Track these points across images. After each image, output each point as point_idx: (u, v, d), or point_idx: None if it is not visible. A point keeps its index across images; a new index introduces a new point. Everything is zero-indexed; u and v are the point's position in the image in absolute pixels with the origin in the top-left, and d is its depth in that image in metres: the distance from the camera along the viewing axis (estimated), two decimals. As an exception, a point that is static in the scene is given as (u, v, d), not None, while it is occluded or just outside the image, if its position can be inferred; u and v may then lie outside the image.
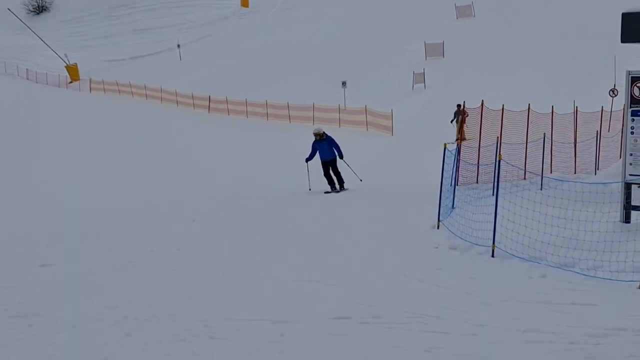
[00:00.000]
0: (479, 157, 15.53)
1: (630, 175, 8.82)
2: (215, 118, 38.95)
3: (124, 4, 74.84)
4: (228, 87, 41.11)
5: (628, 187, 8.84)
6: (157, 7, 72.62)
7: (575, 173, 17.73)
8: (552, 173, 16.67)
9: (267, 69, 44.90)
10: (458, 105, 26.31)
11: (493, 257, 8.60)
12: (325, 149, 16.06)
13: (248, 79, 43.14)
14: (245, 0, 68.84)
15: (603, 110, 22.45)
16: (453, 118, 26.55)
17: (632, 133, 8.87)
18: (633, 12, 8.74)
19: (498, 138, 13.03)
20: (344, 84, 34.25)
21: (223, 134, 32.30)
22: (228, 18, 67.05)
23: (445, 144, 11.33)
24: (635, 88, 8.79)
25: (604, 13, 31.35)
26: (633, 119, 8.85)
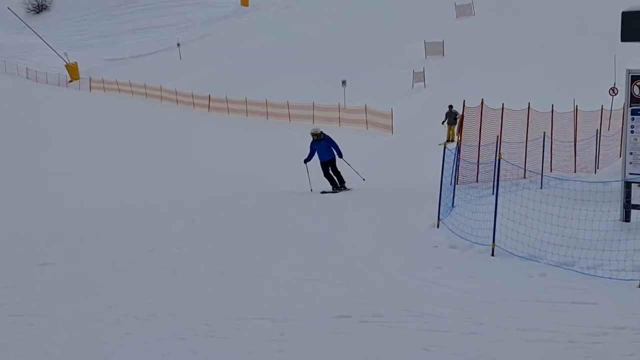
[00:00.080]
0: (479, 155, 15.53)
1: (630, 174, 8.81)
2: (215, 117, 38.95)
3: (124, 3, 74.87)
4: (228, 86, 41.10)
5: (628, 185, 8.83)
6: (156, 6, 72.63)
7: (575, 172, 17.73)
8: (552, 172, 16.67)
9: (267, 68, 44.89)
10: (450, 106, 26.26)
11: (493, 255, 8.60)
12: (324, 149, 15.87)
13: (248, 78, 43.13)
14: (245, -1, 68.93)
15: (603, 109, 22.45)
16: (444, 119, 26.39)
17: (632, 132, 8.86)
18: (633, 10, 8.73)
19: (498, 137, 13.03)
20: (344, 83, 34.23)
21: (223, 133, 32.30)
22: (228, 17, 67.03)
23: (445, 144, 11.33)
24: (635, 87, 8.78)
25: (604, 12, 31.37)
26: (633, 118, 8.84)
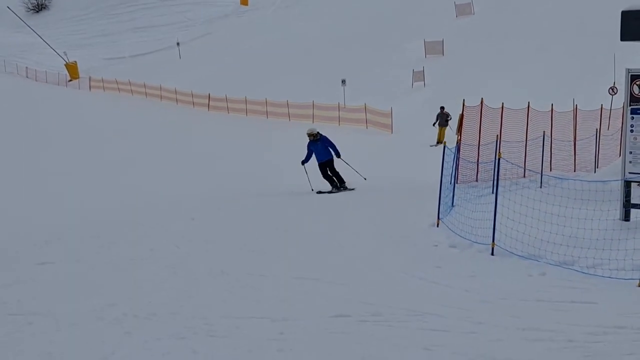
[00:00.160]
0: (479, 155, 15.53)
1: (630, 173, 8.81)
2: (215, 116, 38.93)
3: (124, 2, 74.83)
4: (228, 85, 41.08)
5: (627, 185, 8.83)
6: (156, 5, 72.58)
7: (575, 171, 17.72)
8: (551, 171, 16.66)
9: (266, 67, 44.87)
10: (441, 108, 26.23)
11: (492, 255, 8.60)
12: (320, 150, 15.65)
13: (248, 77, 43.11)
14: (245, -2, 68.84)
15: (603, 108, 22.43)
16: (435, 121, 26.33)
17: (631, 131, 8.86)
18: (632, 10, 8.72)
19: (498, 136, 13.04)
20: (344, 82, 34.20)
21: (223, 132, 32.29)
22: (227, 16, 66.97)
23: (445, 142, 11.32)
24: (635, 86, 8.78)
25: (604, 11, 31.33)
26: (632, 117, 8.84)
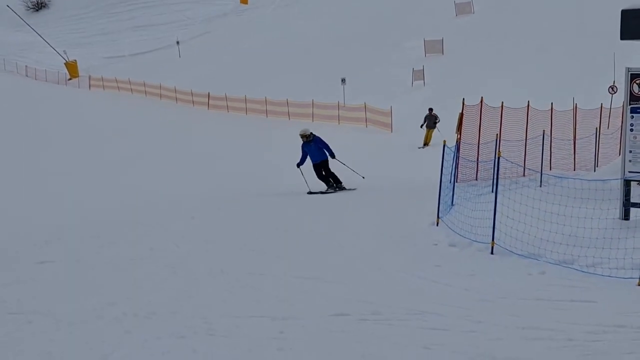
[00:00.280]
0: (479, 153, 15.54)
1: (630, 172, 8.81)
2: (215, 115, 38.92)
3: (123, 1, 74.76)
4: (227, 84, 41.08)
5: (627, 184, 8.83)
6: (156, 4, 72.52)
7: (575, 170, 17.72)
8: (551, 170, 16.66)
9: (266, 66, 44.86)
10: (430, 109, 26.18)
11: (492, 254, 8.60)
12: (314, 151, 15.38)
13: (247, 76, 43.10)
14: (245, -3, 68.80)
15: (602, 107, 22.43)
16: (423, 122, 26.28)
17: (631, 130, 8.86)
18: (632, 9, 8.71)
19: (497, 135, 13.04)
20: (343, 81, 34.18)
21: (222, 131, 32.28)
22: (227, 15, 66.94)
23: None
24: (635, 85, 8.78)
25: (604, 10, 31.32)
26: (632, 116, 8.84)
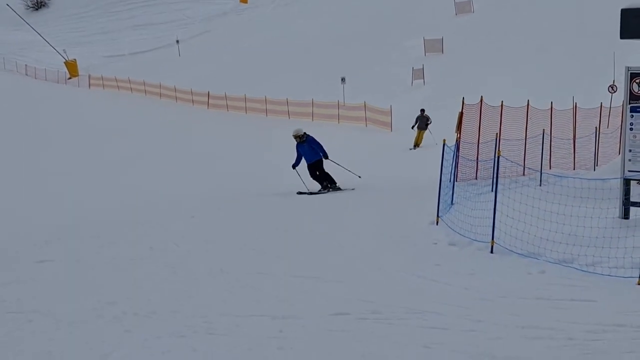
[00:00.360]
0: (478, 153, 15.53)
1: (629, 171, 8.81)
2: (215, 114, 38.91)
3: (123, 0, 74.75)
4: (227, 83, 41.07)
5: (627, 183, 8.83)
6: (155, 3, 72.53)
7: (574, 169, 17.71)
8: (551, 169, 16.65)
9: (266, 65, 44.85)
10: (421, 110, 26.12)
11: (492, 253, 8.61)
12: (307, 151, 15.27)
13: (247, 75, 43.09)
14: (244, -4, 68.78)
15: (602, 107, 22.43)
16: (414, 123, 26.22)
17: (631, 129, 8.86)
18: (632, 8, 8.71)
19: (497, 134, 13.04)
20: (343, 80, 34.18)
21: (222, 130, 32.27)
22: (227, 14, 66.93)
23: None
24: (634, 84, 8.78)
25: (604, 9, 31.30)
26: (632, 115, 8.84)
